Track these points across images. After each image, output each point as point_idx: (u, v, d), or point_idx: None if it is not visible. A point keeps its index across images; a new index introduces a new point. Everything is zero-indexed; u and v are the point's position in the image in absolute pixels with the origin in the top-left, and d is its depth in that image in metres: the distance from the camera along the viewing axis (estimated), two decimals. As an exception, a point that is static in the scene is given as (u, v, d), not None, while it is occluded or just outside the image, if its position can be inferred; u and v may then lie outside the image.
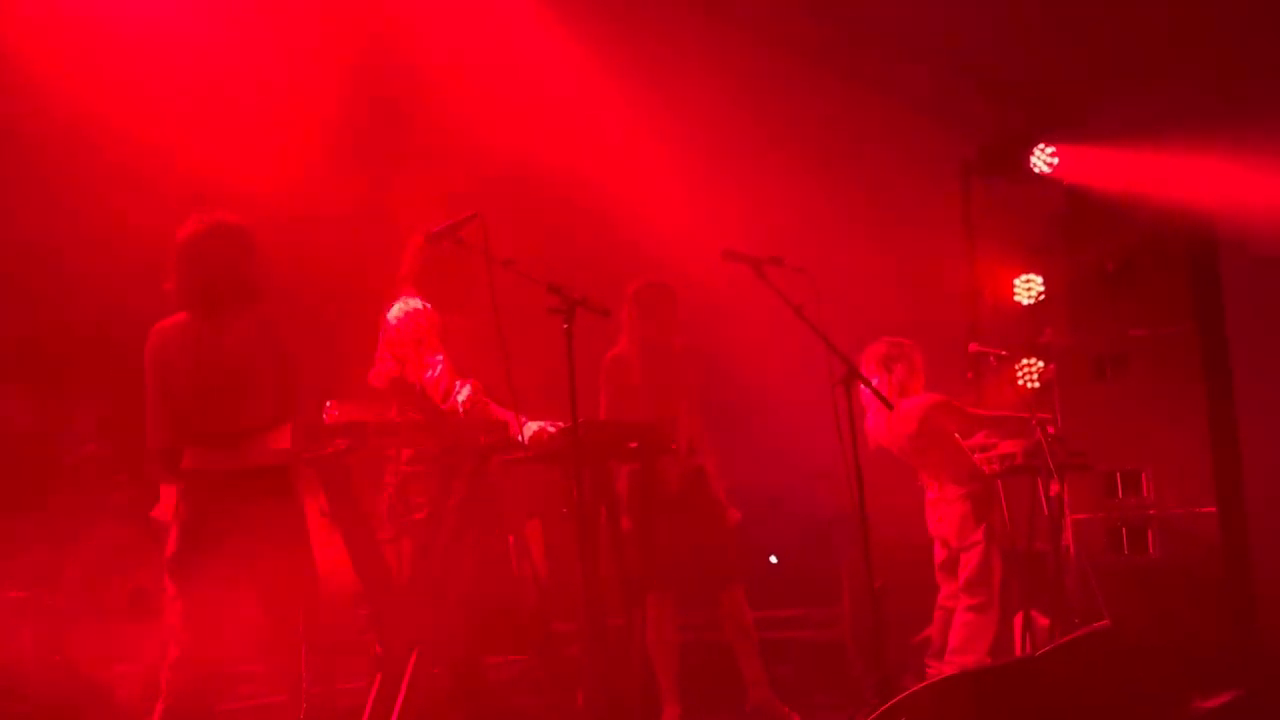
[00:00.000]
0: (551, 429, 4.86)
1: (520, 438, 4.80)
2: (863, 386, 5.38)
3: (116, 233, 6.33)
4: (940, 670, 6.54)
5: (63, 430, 6.65)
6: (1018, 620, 6.69)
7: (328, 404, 4.67)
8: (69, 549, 6.51)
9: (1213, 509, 7.17)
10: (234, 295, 4.51)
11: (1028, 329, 8.19)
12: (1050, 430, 6.37)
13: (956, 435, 6.72)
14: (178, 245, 4.57)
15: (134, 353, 6.57)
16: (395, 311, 5.17)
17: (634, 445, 5.09)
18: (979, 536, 6.70)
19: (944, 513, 6.75)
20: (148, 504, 6.84)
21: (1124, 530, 7.36)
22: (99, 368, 6.72)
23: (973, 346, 7.46)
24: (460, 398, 4.95)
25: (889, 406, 5.92)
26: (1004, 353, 7.14)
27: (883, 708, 4.18)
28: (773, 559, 7.85)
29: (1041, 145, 8.37)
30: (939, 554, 6.83)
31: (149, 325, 6.22)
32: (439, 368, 5.09)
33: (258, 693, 5.89)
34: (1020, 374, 8.02)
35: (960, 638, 6.59)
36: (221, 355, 4.46)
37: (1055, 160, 8.37)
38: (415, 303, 5.20)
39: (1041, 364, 8.04)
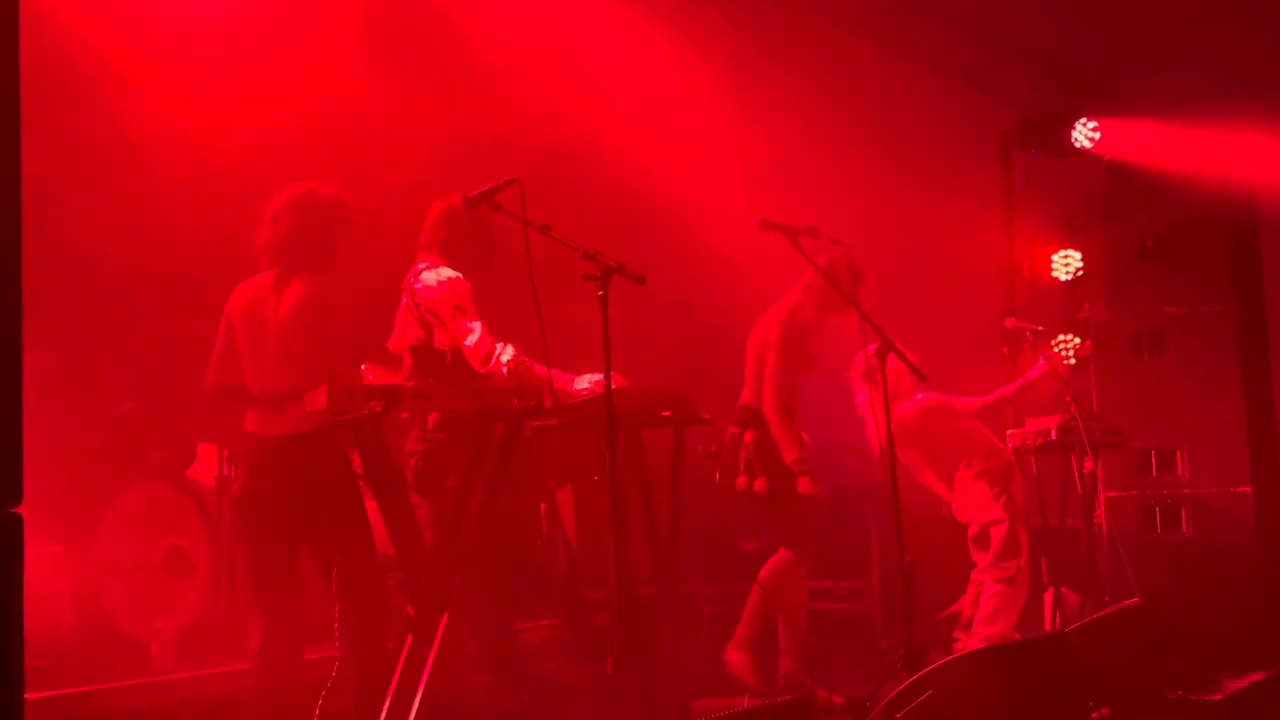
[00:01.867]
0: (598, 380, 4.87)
1: (577, 388, 4.85)
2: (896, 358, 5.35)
3: (152, 191, 6.38)
4: (967, 643, 6.56)
5: (100, 388, 6.71)
6: (1048, 596, 6.69)
7: (363, 367, 4.69)
8: (105, 506, 6.59)
9: (1247, 489, 7.13)
10: (306, 261, 4.68)
11: (1065, 305, 8.15)
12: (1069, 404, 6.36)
13: (959, 420, 6.78)
14: (269, 206, 4.74)
15: (173, 311, 6.69)
16: (428, 278, 5.11)
17: (666, 413, 5.09)
18: (1000, 512, 6.70)
19: (966, 490, 6.80)
20: (185, 463, 6.91)
21: (1158, 508, 7.33)
22: (138, 326, 6.78)
23: (1009, 321, 7.43)
24: (504, 358, 4.91)
25: (924, 379, 5.90)
26: (1041, 328, 7.10)
27: (909, 680, 4.19)
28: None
29: (1083, 120, 8.29)
30: (972, 528, 6.86)
31: (188, 283, 6.33)
32: (478, 332, 5.02)
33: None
34: (1056, 350, 7.97)
35: (988, 609, 6.62)
36: (278, 318, 4.61)
37: (1097, 135, 8.29)
38: (448, 271, 5.16)
39: (1078, 340, 7.99)
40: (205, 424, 6.76)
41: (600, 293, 4.21)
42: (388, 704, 4.15)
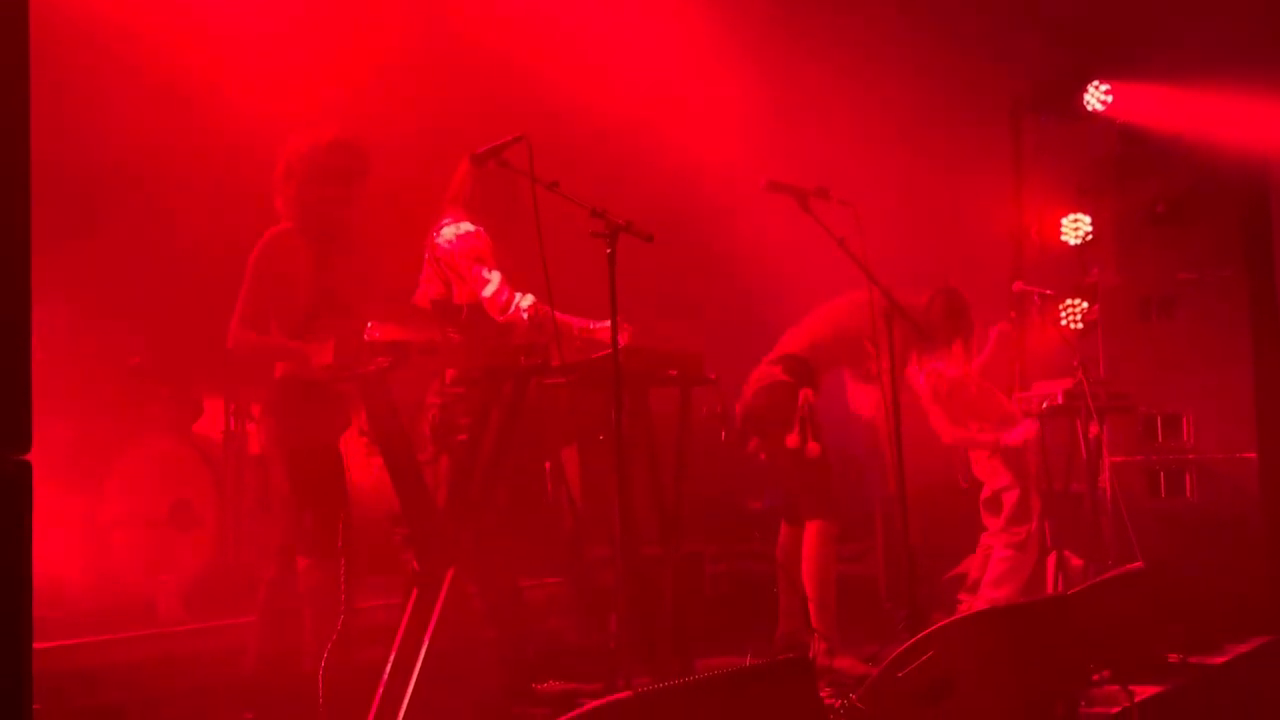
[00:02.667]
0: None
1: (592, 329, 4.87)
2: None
3: (162, 148, 6.37)
4: (972, 604, 6.58)
5: (108, 342, 6.72)
6: (1051, 559, 6.70)
7: (369, 323, 4.69)
8: (113, 459, 6.61)
9: (1253, 455, 7.14)
10: (338, 212, 4.67)
11: (1074, 269, 8.12)
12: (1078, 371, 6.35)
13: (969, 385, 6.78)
14: (287, 163, 4.69)
15: (180, 267, 6.69)
16: (448, 233, 5.14)
17: (674, 373, 5.09)
18: (1012, 478, 6.71)
19: (980, 455, 6.83)
20: (191, 417, 6.93)
21: (1162, 474, 7.34)
22: (145, 281, 6.78)
23: (1017, 285, 7.41)
24: (524, 305, 4.91)
25: (930, 342, 5.89)
26: (1049, 292, 7.09)
27: (912, 640, 4.20)
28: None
29: (1095, 83, 8.23)
30: (984, 492, 6.88)
31: (198, 238, 6.33)
32: (495, 282, 5.03)
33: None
34: (1064, 314, 7.96)
35: (996, 573, 6.64)
36: (329, 278, 4.66)
37: (1109, 98, 8.23)
38: (467, 225, 5.18)
39: (1086, 305, 7.97)
40: (213, 377, 6.77)
41: (608, 250, 4.20)
42: (392, 658, 4.17)
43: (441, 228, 5.18)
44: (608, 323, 4.85)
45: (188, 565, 6.33)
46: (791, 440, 5.90)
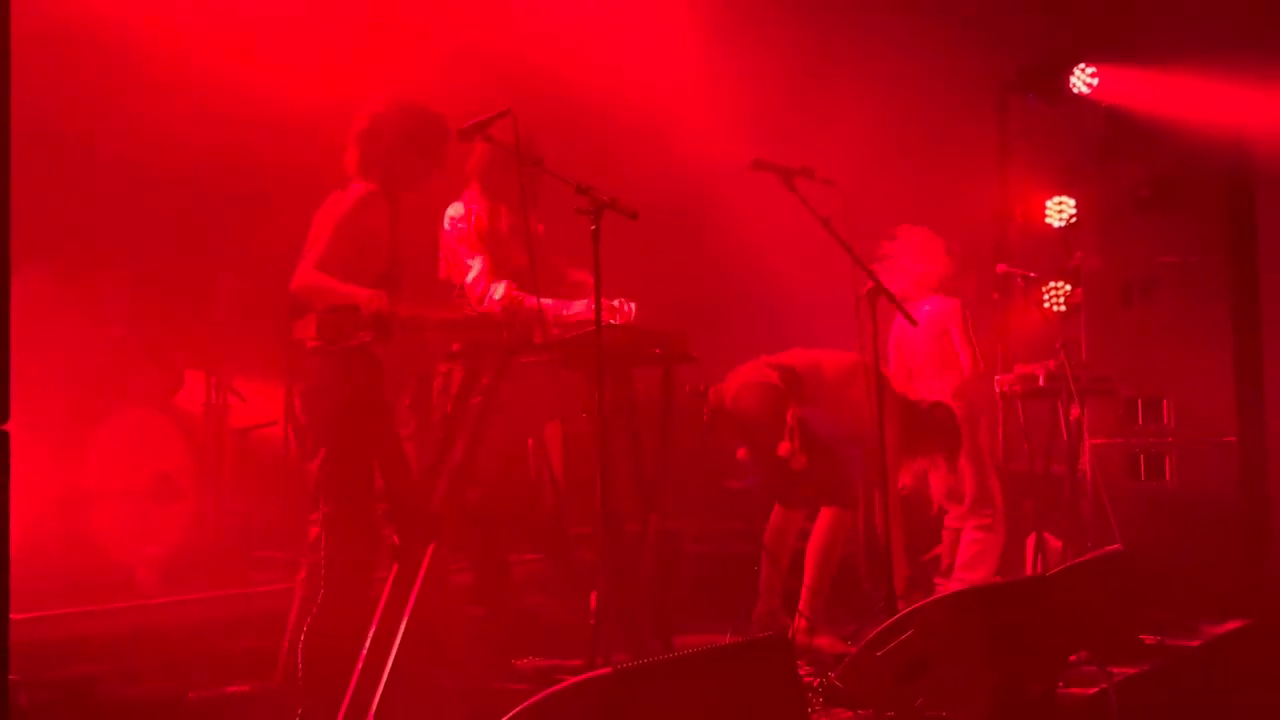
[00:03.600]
0: (585, 305, 4.90)
1: (572, 309, 4.88)
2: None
3: (152, 117, 6.35)
4: (948, 588, 6.60)
5: (90, 312, 6.68)
6: (1030, 541, 6.73)
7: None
8: (93, 431, 6.57)
9: (1233, 439, 7.17)
10: (364, 169, 4.59)
11: (1057, 252, 8.13)
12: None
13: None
14: (371, 123, 4.62)
15: (164, 238, 6.67)
16: (448, 214, 5.28)
17: (657, 351, 5.09)
18: (963, 461, 6.72)
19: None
20: (173, 389, 6.91)
21: (1142, 456, 7.38)
22: (129, 251, 6.75)
23: (1000, 267, 7.42)
24: (496, 296, 4.98)
25: (914, 323, 5.90)
26: (1032, 274, 7.10)
27: (890, 621, 4.22)
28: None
29: (1082, 65, 8.23)
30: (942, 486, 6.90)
31: (178, 210, 6.31)
32: (476, 270, 5.13)
33: (274, 579, 6.00)
34: (1047, 297, 7.97)
35: (968, 555, 6.67)
36: (395, 242, 4.61)
37: (1095, 81, 8.23)
38: (459, 207, 5.28)
39: (1069, 287, 7.98)
40: (195, 349, 6.77)
41: (592, 227, 4.20)
42: (371, 633, 4.17)
43: (450, 206, 5.28)
44: (582, 305, 4.86)
45: (167, 538, 6.32)
46: (783, 449, 5.92)
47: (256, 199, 6.50)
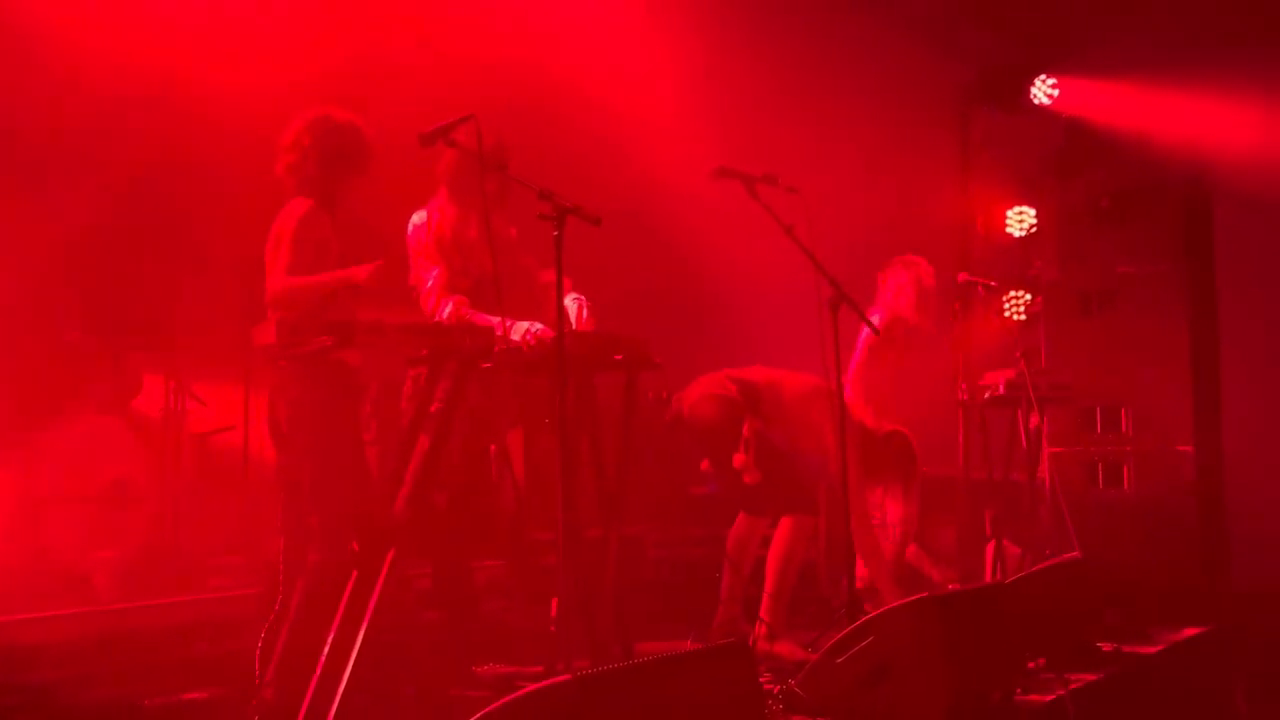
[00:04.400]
0: (535, 329, 4.87)
1: (511, 339, 4.84)
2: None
3: (112, 120, 6.31)
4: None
5: (46, 317, 6.62)
6: (990, 548, 6.76)
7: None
8: (48, 436, 6.51)
9: (1189, 448, 7.23)
10: (304, 183, 4.65)
11: (1018, 261, 8.19)
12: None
13: None
14: (288, 132, 4.69)
15: (122, 242, 6.61)
16: (412, 219, 5.28)
17: (619, 357, 5.09)
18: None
19: None
20: (130, 394, 6.84)
21: (1100, 464, 7.43)
22: (86, 256, 6.69)
23: (961, 276, 7.45)
24: (443, 315, 5.01)
25: (876, 332, 5.93)
26: (993, 284, 7.13)
27: (850, 628, 4.23)
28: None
29: (1043, 77, 8.29)
30: None
31: (138, 215, 6.27)
32: (431, 281, 5.14)
33: (231, 584, 5.97)
34: (1008, 306, 8.02)
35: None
36: (340, 252, 4.65)
37: (1056, 92, 8.30)
38: (422, 214, 5.28)
39: (1029, 297, 8.04)
40: (153, 354, 6.71)
41: (555, 233, 4.20)
42: (330, 639, 4.15)
43: (415, 213, 5.28)
44: (522, 330, 4.85)
45: (124, 543, 6.26)
46: (737, 461, 5.94)
47: (216, 203, 6.46)
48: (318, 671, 4.11)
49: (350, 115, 4.75)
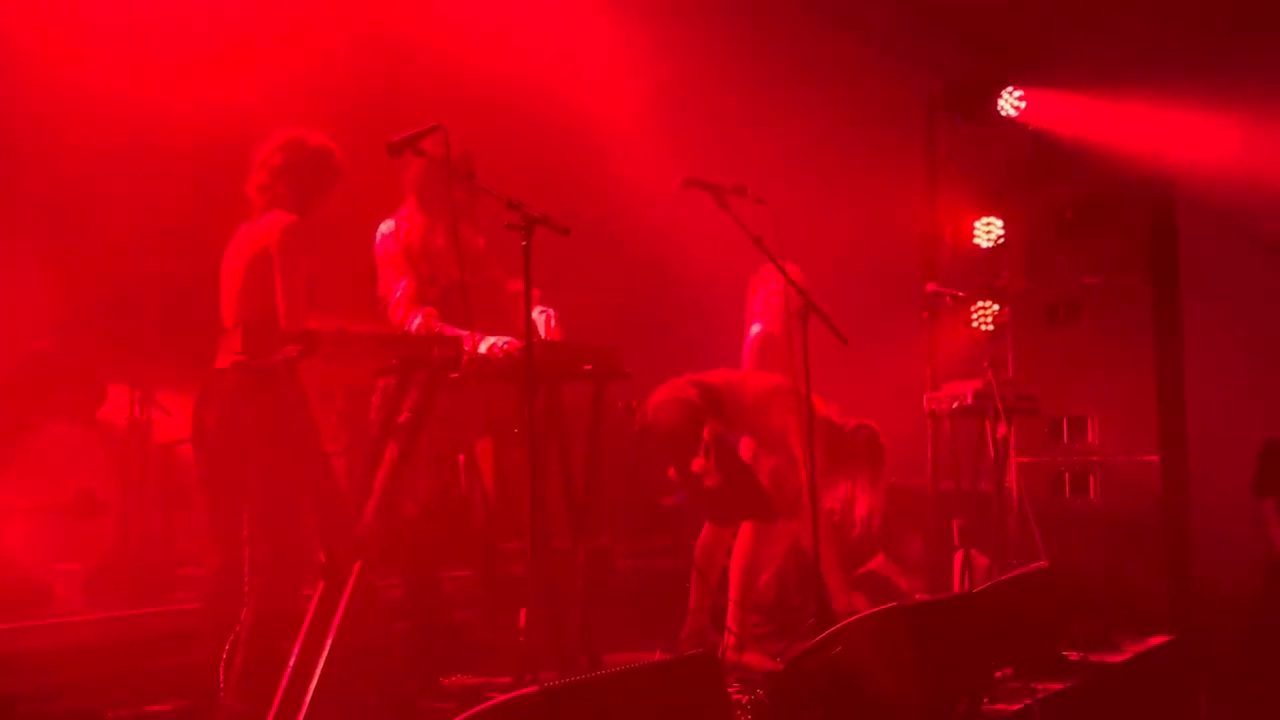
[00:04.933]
0: (503, 343, 4.86)
1: (478, 351, 4.82)
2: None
3: (74, 136, 6.28)
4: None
5: (10, 325, 6.57)
6: (958, 558, 6.79)
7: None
8: (12, 446, 6.45)
9: (1155, 458, 7.27)
10: (294, 202, 4.63)
11: (985, 272, 8.23)
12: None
13: None
14: (261, 150, 4.71)
15: (89, 252, 6.57)
16: (380, 229, 5.27)
17: (588, 367, 5.09)
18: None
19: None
20: (96, 404, 6.79)
21: (1067, 475, 7.46)
22: (52, 265, 6.64)
23: (930, 286, 7.50)
24: (412, 327, 4.99)
25: (844, 341, 5.93)
26: (961, 294, 7.18)
27: (819, 638, 4.24)
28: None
29: (1010, 88, 8.34)
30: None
31: (104, 224, 6.24)
32: (399, 292, 5.13)
33: (197, 596, 5.91)
34: (975, 316, 8.06)
35: None
36: (231, 255, 4.62)
37: (1023, 104, 8.34)
38: (390, 223, 5.27)
39: (996, 307, 8.08)
40: (118, 364, 6.66)
41: (523, 243, 4.19)
42: (296, 651, 4.12)
43: (383, 222, 5.27)
44: (487, 345, 4.84)
45: (89, 554, 6.21)
46: (697, 465, 5.94)
47: (181, 214, 6.43)
48: (283, 683, 4.08)
49: (323, 138, 4.76)
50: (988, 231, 8.31)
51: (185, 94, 6.32)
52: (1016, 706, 4.74)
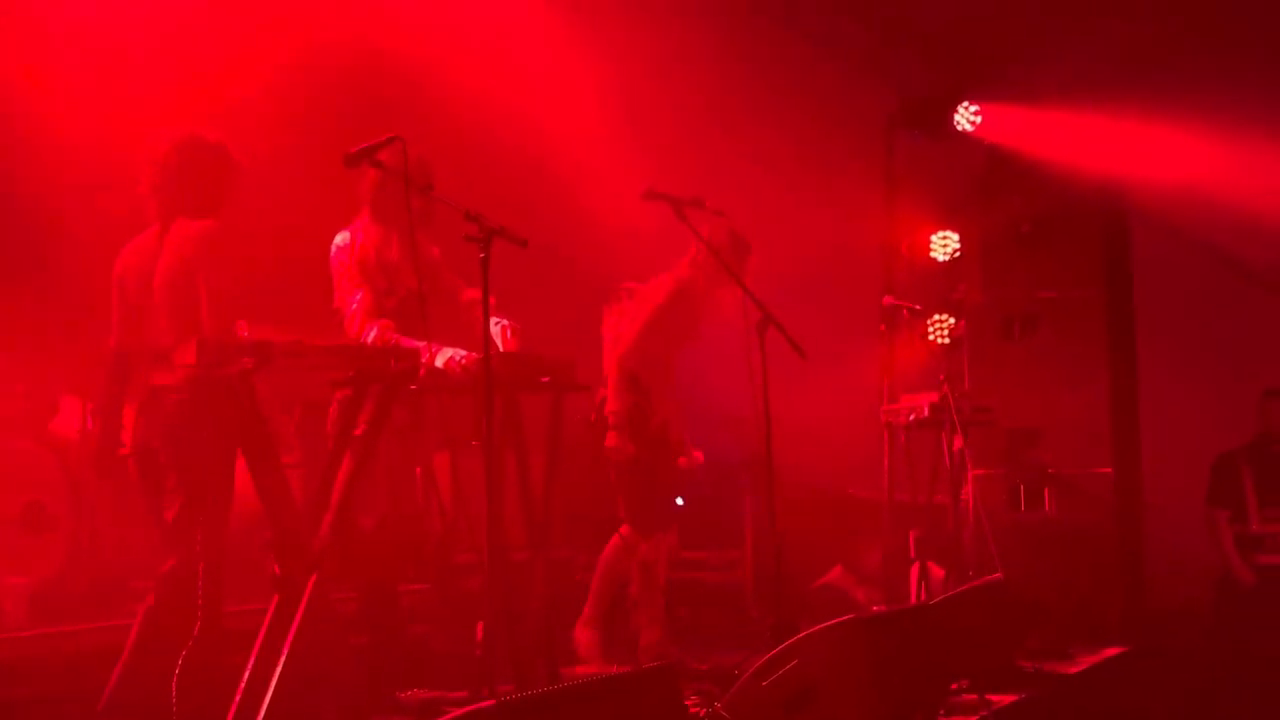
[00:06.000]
0: (460, 357, 4.84)
1: (435, 365, 4.80)
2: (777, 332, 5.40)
3: (20, 147, 6.22)
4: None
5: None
6: (914, 570, 6.82)
7: (238, 323, 4.60)
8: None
9: (1109, 470, 7.33)
10: (194, 206, 4.56)
11: (942, 285, 8.27)
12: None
13: None
14: (153, 153, 4.62)
15: (37, 261, 6.49)
16: (334, 242, 5.24)
17: (546, 379, 5.08)
18: None
19: None
20: (47, 416, 6.71)
21: (1022, 487, 7.50)
22: (4, 277, 6.57)
23: (887, 299, 7.51)
24: (369, 339, 4.97)
25: (802, 354, 5.95)
26: (917, 307, 7.20)
27: (776, 650, 4.23)
28: (678, 501, 7.91)
29: (965, 104, 8.39)
30: None
31: (58, 236, 6.18)
32: (355, 304, 5.10)
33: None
34: (931, 329, 8.10)
35: None
36: (158, 270, 4.52)
37: (978, 119, 8.38)
38: (345, 235, 5.24)
39: (952, 320, 8.11)
40: (70, 375, 6.58)
41: (481, 255, 4.18)
42: (251, 664, 4.08)
43: (338, 234, 5.24)
44: (444, 358, 4.82)
45: (38, 568, 6.13)
46: (610, 440, 5.98)
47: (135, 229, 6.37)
48: (237, 696, 4.04)
49: (219, 136, 4.69)
50: (944, 245, 8.34)
51: (140, 119, 6.26)
52: (972, 718, 4.76)
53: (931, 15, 8.17)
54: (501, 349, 4.99)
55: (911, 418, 6.63)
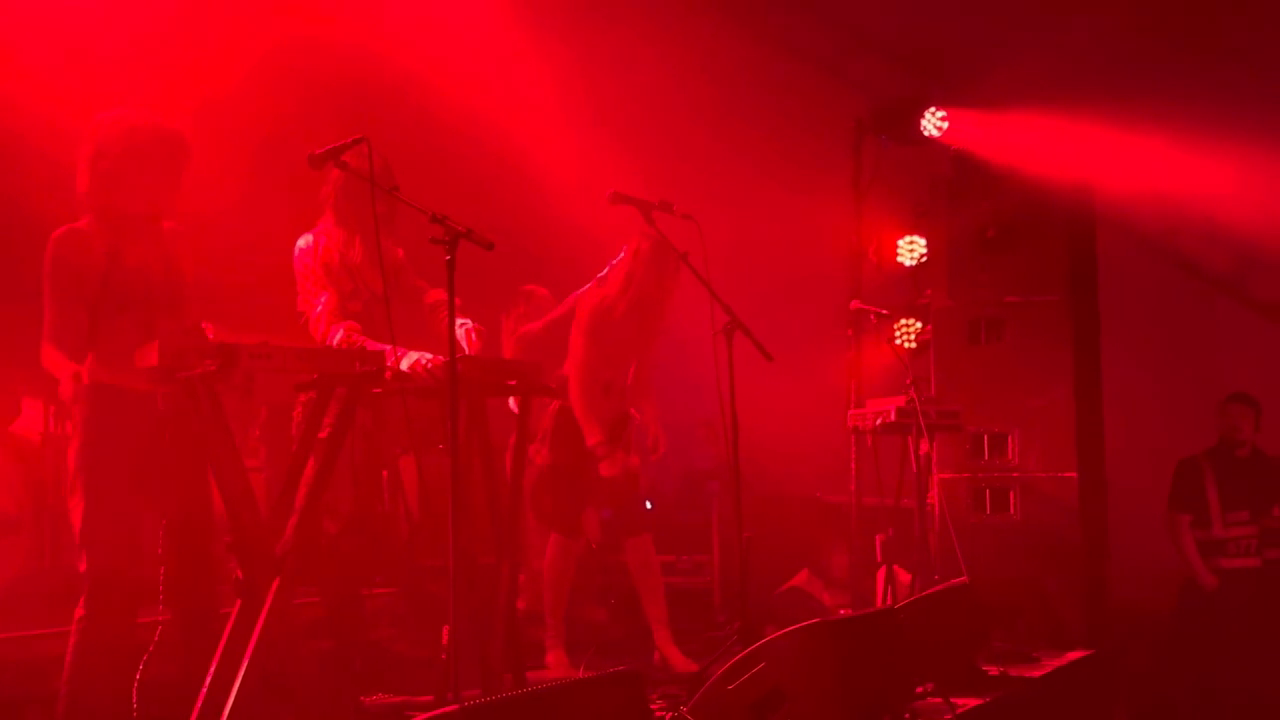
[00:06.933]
0: (426, 360, 4.82)
1: (400, 368, 4.77)
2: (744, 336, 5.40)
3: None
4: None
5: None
6: (881, 574, 6.83)
7: (202, 324, 4.56)
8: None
9: (1073, 474, 7.36)
10: (147, 206, 4.45)
11: (909, 290, 8.29)
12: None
13: None
14: (98, 143, 4.40)
15: (3, 263, 6.42)
16: (297, 245, 5.21)
17: (512, 382, 5.06)
18: None
19: None
20: (8, 419, 6.66)
21: (988, 491, 7.52)
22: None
23: (854, 304, 7.53)
24: (334, 341, 4.94)
25: (769, 358, 5.96)
26: (885, 311, 7.21)
27: (744, 653, 4.23)
28: (647, 505, 7.92)
29: (932, 109, 8.42)
30: None
31: (19, 236, 6.09)
32: (320, 307, 5.07)
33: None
34: (898, 333, 8.12)
35: None
36: (125, 270, 4.41)
37: (945, 124, 8.41)
38: (308, 238, 5.21)
39: (919, 325, 8.14)
40: (32, 378, 6.51)
41: (447, 258, 4.16)
42: (212, 670, 4.05)
43: (301, 237, 5.21)
44: (408, 361, 4.79)
45: (1, 571, 6.07)
46: (532, 450, 6.05)
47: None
48: (199, 703, 4.01)
49: (175, 121, 4.50)
50: (911, 250, 8.37)
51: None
52: (937, 722, 4.77)
53: (898, 21, 8.21)
54: (467, 351, 4.97)
55: (878, 422, 6.65)
